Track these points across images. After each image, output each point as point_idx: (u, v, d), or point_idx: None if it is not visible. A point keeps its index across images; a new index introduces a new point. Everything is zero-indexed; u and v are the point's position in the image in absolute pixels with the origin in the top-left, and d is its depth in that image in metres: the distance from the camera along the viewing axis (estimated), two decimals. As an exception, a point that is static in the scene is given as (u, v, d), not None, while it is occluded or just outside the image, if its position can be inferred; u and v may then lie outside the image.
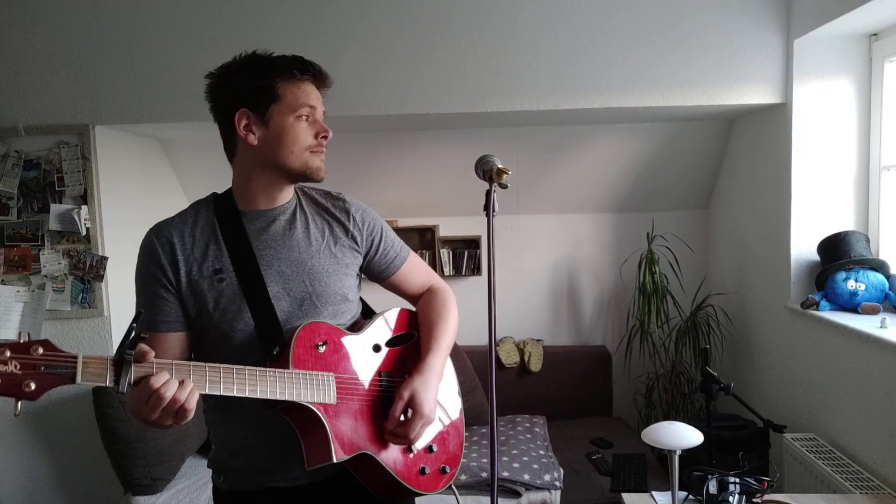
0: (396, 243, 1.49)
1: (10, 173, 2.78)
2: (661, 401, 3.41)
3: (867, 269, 2.50)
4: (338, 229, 1.40)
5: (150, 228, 1.32)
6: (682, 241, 3.54)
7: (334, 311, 1.35)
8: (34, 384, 0.95)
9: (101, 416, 2.59)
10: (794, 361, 2.75)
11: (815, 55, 2.61)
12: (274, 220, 1.34)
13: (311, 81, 1.33)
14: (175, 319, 1.28)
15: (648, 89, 2.71)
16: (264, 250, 1.31)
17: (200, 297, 1.27)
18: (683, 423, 1.89)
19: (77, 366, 0.99)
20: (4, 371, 0.93)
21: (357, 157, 3.37)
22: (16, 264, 2.81)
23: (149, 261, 1.28)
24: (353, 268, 1.41)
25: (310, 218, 1.38)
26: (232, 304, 1.27)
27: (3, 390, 0.94)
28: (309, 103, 1.30)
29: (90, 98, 2.75)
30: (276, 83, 1.28)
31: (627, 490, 2.49)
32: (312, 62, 1.33)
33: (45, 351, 0.96)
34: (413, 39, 2.71)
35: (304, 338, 1.26)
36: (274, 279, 1.30)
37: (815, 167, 2.67)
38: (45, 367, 0.96)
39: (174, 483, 2.68)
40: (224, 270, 1.27)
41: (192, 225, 1.31)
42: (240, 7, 2.72)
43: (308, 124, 1.31)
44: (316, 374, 1.24)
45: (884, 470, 2.19)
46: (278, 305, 1.29)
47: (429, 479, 1.40)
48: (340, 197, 1.45)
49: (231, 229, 1.30)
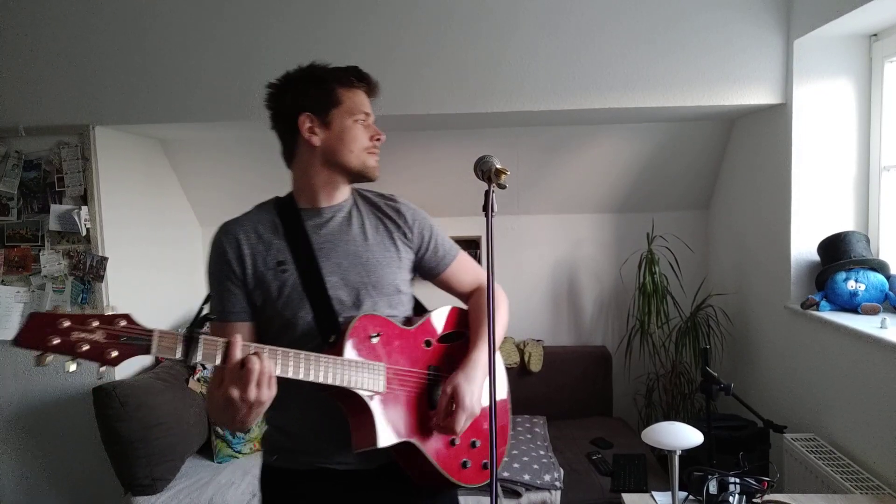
0: (446, 242, 1.56)
1: (10, 174, 2.78)
2: (661, 401, 3.41)
3: (867, 270, 2.50)
4: (391, 226, 1.48)
5: (219, 227, 1.43)
6: (682, 241, 3.54)
7: (388, 301, 1.43)
8: (116, 352, 1.07)
9: (101, 416, 2.59)
10: (795, 362, 2.75)
11: (815, 55, 2.61)
12: (332, 217, 1.44)
13: (364, 90, 1.45)
14: (242, 310, 1.37)
15: (649, 90, 2.71)
16: (323, 244, 1.40)
17: (265, 288, 1.36)
18: (683, 424, 1.89)
19: (153, 339, 1.10)
20: (92, 339, 1.05)
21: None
22: (16, 265, 2.81)
23: (217, 257, 1.39)
24: (406, 262, 1.48)
25: (365, 216, 1.47)
26: (294, 293, 1.35)
27: (91, 356, 1.05)
28: (364, 109, 1.42)
29: (90, 98, 2.75)
30: (336, 89, 1.40)
31: (627, 490, 2.49)
32: (366, 73, 1.45)
33: (126, 324, 1.08)
34: (413, 40, 2.72)
35: (358, 328, 1.33)
36: (332, 270, 1.38)
37: (815, 167, 2.67)
38: (126, 338, 1.07)
39: (174, 483, 2.68)
40: (286, 262, 1.36)
41: (256, 222, 1.42)
42: (241, 8, 2.72)
43: (364, 127, 1.42)
44: (367, 363, 1.32)
45: (884, 470, 2.19)
46: (336, 295, 1.37)
47: (470, 472, 1.45)
48: (392, 197, 1.54)
49: (292, 225, 1.41)
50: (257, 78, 2.72)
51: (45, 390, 2.88)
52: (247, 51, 2.73)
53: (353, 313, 1.36)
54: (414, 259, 1.51)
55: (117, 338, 1.07)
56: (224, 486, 2.66)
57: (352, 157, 1.40)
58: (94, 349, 1.05)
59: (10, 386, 2.88)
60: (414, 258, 1.51)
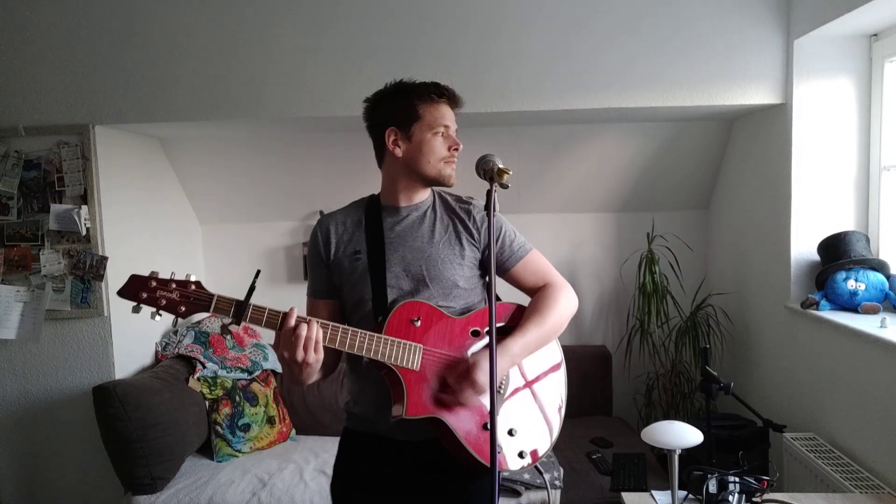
0: (515, 243, 1.66)
1: (10, 173, 2.78)
2: (660, 400, 3.41)
3: (867, 269, 2.50)
4: (460, 226, 1.61)
5: (319, 218, 1.68)
6: (682, 241, 3.54)
7: (444, 294, 1.56)
8: (184, 308, 1.39)
9: (101, 415, 2.60)
10: (794, 361, 2.75)
11: (815, 55, 2.61)
12: (408, 215, 1.60)
13: (446, 103, 1.57)
14: (326, 289, 1.62)
15: (649, 89, 2.71)
16: (394, 239, 1.58)
17: (341, 272, 1.59)
18: (683, 423, 1.90)
19: (212, 302, 1.40)
20: (169, 297, 1.38)
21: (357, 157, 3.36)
22: (16, 264, 2.81)
23: (312, 243, 1.64)
24: (469, 259, 1.60)
25: (438, 216, 1.62)
26: (361, 279, 1.56)
27: (167, 308, 1.38)
28: (444, 123, 1.55)
29: (90, 98, 2.75)
30: (417, 105, 1.54)
31: (627, 489, 2.49)
32: (447, 87, 1.57)
33: (195, 287, 1.40)
34: (413, 40, 2.72)
35: (401, 312, 1.50)
36: (396, 262, 1.56)
37: (815, 167, 2.67)
38: (194, 298, 1.40)
39: (174, 482, 2.68)
40: (361, 252, 1.57)
41: (346, 216, 1.64)
42: (240, 8, 2.72)
43: (443, 139, 1.55)
44: (405, 343, 1.47)
45: (883, 469, 2.19)
46: (397, 284, 1.55)
47: (501, 458, 1.53)
48: (468, 200, 1.66)
49: (372, 221, 1.60)
50: (256, 76, 2.74)
51: (44, 389, 2.88)
52: (247, 50, 2.73)
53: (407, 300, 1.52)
54: (480, 257, 1.62)
55: (188, 297, 1.39)
56: (224, 485, 2.67)
57: (429, 167, 1.55)
58: (170, 304, 1.38)
59: (10, 386, 2.88)
60: (480, 256, 1.62)
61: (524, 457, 1.56)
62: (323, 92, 2.74)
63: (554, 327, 1.63)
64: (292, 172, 3.45)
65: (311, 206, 3.63)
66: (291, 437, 3.15)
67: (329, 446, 3.03)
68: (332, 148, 3.32)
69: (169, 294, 1.39)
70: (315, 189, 3.53)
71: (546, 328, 1.60)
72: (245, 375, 3.13)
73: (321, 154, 3.36)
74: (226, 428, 2.94)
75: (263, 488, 2.64)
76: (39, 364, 2.87)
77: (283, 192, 3.56)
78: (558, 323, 1.64)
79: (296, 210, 3.66)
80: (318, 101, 2.74)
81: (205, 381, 3.00)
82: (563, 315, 1.65)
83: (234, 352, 3.19)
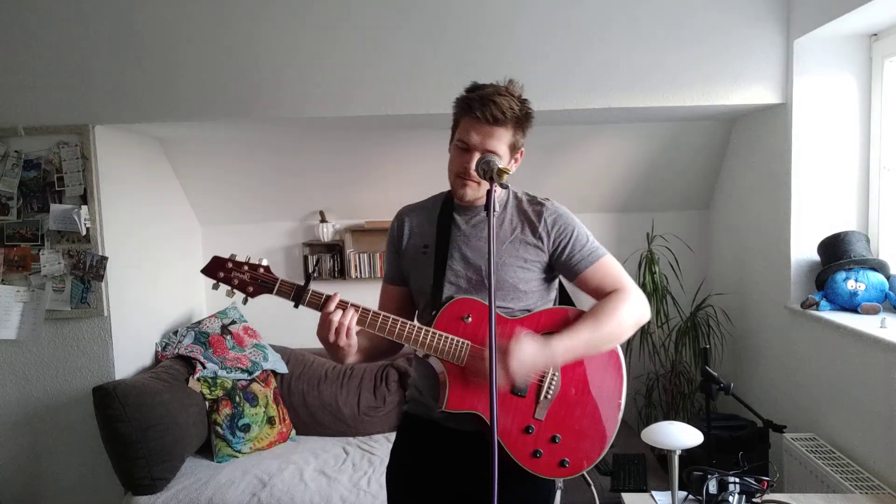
0: (586, 249, 1.60)
1: (9, 173, 2.78)
2: (660, 401, 3.41)
3: (867, 270, 2.50)
4: (528, 228, 1.60)
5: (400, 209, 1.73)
6: (682, 241, 3.54)
7: (503, 295, 1.55)
8: (252, 288, 1.50)
9: (101, 415, 2.60)
10: (794, 361, 2.75)
11: (815, 55, 2.61)
12: (477, 214, 1.61)
13: (475, 118, 1.51)
14: (398, 276, 1.68)
15: (649, 90, 2.71)
16: (460, 236, 1.59)
17: (409, 263, 1.64)
18: (683, 423, 1.89)
19: (276, 284, 1.49)
20: (241, 277, 1.50)
21: (357, 157, 3.37)
22: (16, 264, 2.81)
23: (390, 232, 1.70)
24: (533, 263, 1.58)
25: (508, 216, 1.61)
26: (424, 271, 1.60)
27: (238, 287, 1.50)
28: (464, 138, 1.52)
29: (90, 98, 2.75)
30: (456, 114, 1.58)
31: (627, 490, 2.49)
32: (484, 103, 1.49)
33: (263, 271, 1.51)
34: (413, 40, 2.71)
35: (452, 308, 1.53)
36: (458, 260, 1.58)
37: (815, 167, 2.67)
38: (261, 281, 1.50)
39: (174, 483, 2.68)
40: (429, 246, 1.61)
41: (423, 209, 1.68)
42: (239, 7, 2.71)
43: (462, 155, 1.54)
44: (454, 338, 1.50)
45: (883, 469, 2.19)
46: (457, 281, 1.57)
47: (541, 463, 1.52)
48: (541, 202, 1.65)
49: (444, 217, 1.63)
50: (257, 77, 2.74)
51: (45, 389, 2.88)
52: (247, 50, 2.73)
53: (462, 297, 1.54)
54: (547, 261, 1.60)
55: (256, 279, 1.50)
56: (224, 485, 2.66)
57: (449, 176, 1.59)
58: (241, 284, 1.50)
59: (10, 386, 2.88)
60: (548, 260, 1.60)
61: (566, 465, 1.52)
62: (325, 93, 2.73)
63: (611, 334, 1.54)
64: (292, 173, 3.45)
65: (310, 206, 3.63)
66: (291, 437, 3.15)
67: (329, 447, 3.03)
68: (331, 149, 3.31)
69: (241, 275, 1.50)
70: (314, 190, 3.53)
71: (601, 333, 1.52)
72: (245, 376, 3.13)
73: (321, 155, 3.35)
74: (226, 428, 2.94)
75: (263, 489, 2.64)
76: (39, 364, 2.86)
77: (283, 193, 3.56)
78: (617, 331, 1.54)
79: (295, 211, 3.66)
80: (319, 103, 2.74)
81: (205, 381, 3.00)
82: (624, 322, 1.54)
83: (233, 352, 3.19)
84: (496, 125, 1.50)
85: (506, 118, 1.50)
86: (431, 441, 1.60)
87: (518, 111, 1.53)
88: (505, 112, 1.49)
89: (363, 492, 2.63)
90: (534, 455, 1.51)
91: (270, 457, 2.93)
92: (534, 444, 1.51)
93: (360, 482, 2.70)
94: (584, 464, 1.55)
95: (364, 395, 3.23)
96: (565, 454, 1.52)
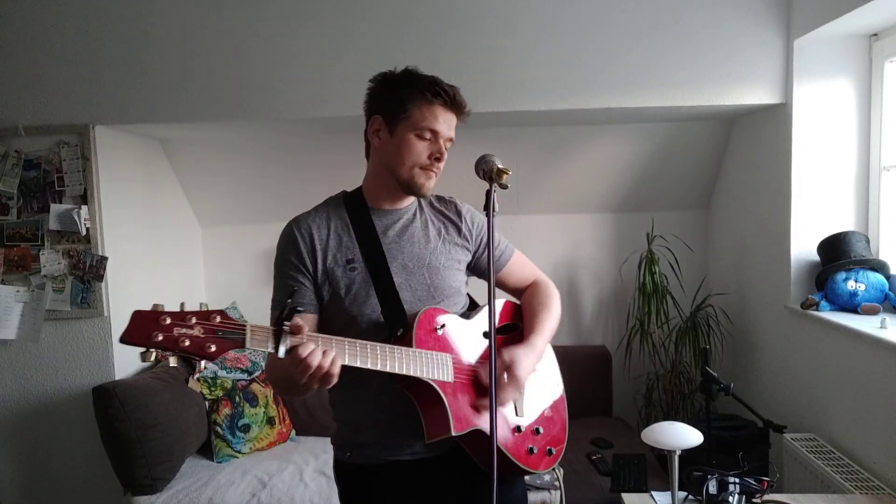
0: (502, 244, 1.63)
1: (10, 173, 2.78)
2: (661, 401, 3.41)
3: (867, 270, 2.50)
4: (451, 229, 1.54)
5: (290, 221, 1.50)
6: (681, 241, 3.54)
7: (449, 302, 1.49)
8: (214, 346, 1.10)
9: (101, 415, 2.59)
10: (794, 362, 2.75)
11: (815, 55, 2.61)
12: (398, 219, 1.50)
13: (444, 105, 1.42)
14: (309, 302, 1.42)
15: (648, 89, 2.71)
16: (390, 245, 1.46)
17: (334, 284, 1.42)
18: (683, 424, 1.89)
19: (246, 333, 1.14)
20: (192, 334, 1.09)
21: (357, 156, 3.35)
22: (16, 264, 2.81)
23: (290, 249, 1.44)
24: (463, 264, 1.55)
25: (428, 219, 1.53)
26: (362, 290, 1.41)
27: (191, 350, 1.09)
28: (431, 126, 1.41)
29: (90, 98, 2.75)
30: (408, 101, 1.41)
31: (627, 490, 2.48)
32: (447, 88, 1.42)
33: (221, 319, 1.12)
34: (413, 40, 2.71)
35: (424, 321, 1.40)
36: (398, 271, 1.44)
37: (815, 167, 2.67)
38: (223, 332, 1.12)
39: (174, 483, 2.68)
40: (356, 260, 1.43)
41: (327, 219, 1.48)
42: (239, 7, 2.72)
43: (427, 143, 1.42)
44: (436, 354, 1.38)
45: (884, 470, 2.19)
46: (403, 295, 1.43)
47: (536, 458, 1.51)
48: (452, 200, 1.60)
49: (361, 224, 1.47)
50: (257, 78, 2.74)
51: (44, 389, 2.88)
52: (247, 51, 2.73)
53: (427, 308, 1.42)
54: (471, 260, 1.57)
55: (214, 332, 1.11)
56: (224, 485, 2.66)
57: (403, 170, 1.43)
58: (194, 344, 1.09)
59: (9, 386, 2.88)
60: (471, 259, 1.57)
61: (552, 453, 1.54)
62: (326, 94, 2.73)
63: (558, 319, 1.61)
64: (292, 174, 3.45)
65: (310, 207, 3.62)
66: (291, 437, 3.15)
67: (329, 447, 3.00)
68: (332, 149, 3.31)
69: (189, 331, 1.09)
70: (315, 190, 3.51)
71: (555, 321, 1.59)
72: (245, 376, 3.13)
73: (321, 156, 3.35)
74: (226, 428, 2.94)
75: (263, 489, 2.64)
76: (39, 364, 2.86)
77: (283, 195, 3.55)
78: (559, 315, 1.62)
79: (296, 211, 3.61)
80: (320, 103, 2.74)
81: (204, 381, 3.00)
82: (559, 306, 1.63)
83: (233, 352, 3.19)
84: (460, 115, 1.46)
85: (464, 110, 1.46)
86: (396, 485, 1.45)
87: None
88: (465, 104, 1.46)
89: (363, 492, 2.63)
90: (529, 452, 1.50)
91: (270, 457, 2.93)
92: (525, 441, 1.51)
93: (360, 482, 2.70)
94: (561, 448, 1.58)
95: (364, 395, 3.23)
96: (548, 443, 1.55)
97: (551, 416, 1.60)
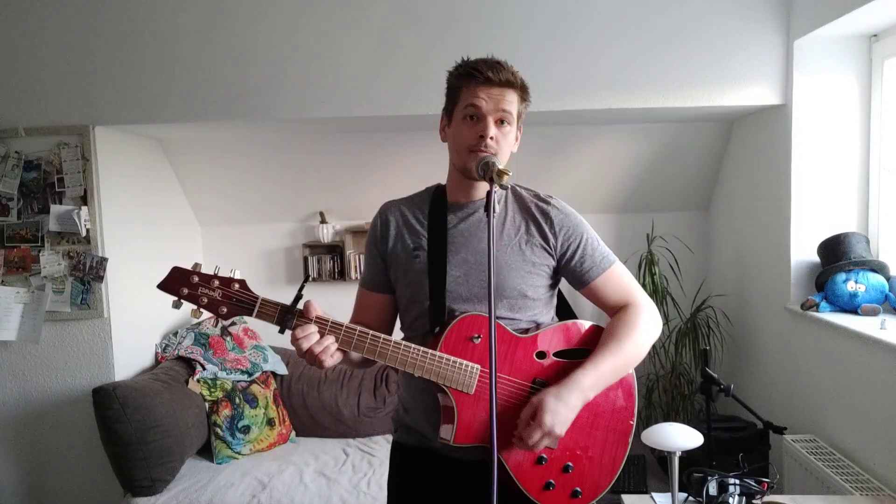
0: (597, 254, 1.48)
1: (10, 174, 2.78)
2: (660, 402, 3.41)
3: (867, 271, 2.50)
4: (534, 228, 1.45)
5: (381, 206, 1.53)
6: (682, 242, 3.54)
7: (510, 304, 1.42)
8: (226, 309, 1.29)
9: (101, 416, 2.59)
10: (795, 363, 2.75)
11: (815, 56, 2.61)
12: (474, 212, 1.45)
13: (483, 83, 1.35)
14: (381, 283, 1.49)
15: (648, 90, 2.71)
16: (457, 238, 1.43)
17: (397, 268, 1.46)
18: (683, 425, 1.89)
19: (255, 305, 1.29)
20: (211, 295, 1.28)
21: (358, 157, 3.37)
22: (16, 265, 2.81)
23: (372, 231, 1.51)
24: (541, 268, 1.44)
25: (509, 214, 1.46)
26: (417, 279, 1.42)
27: (208, 308, 1.29)
28: (472, 102, 1.35)
29: (90, 98, 2.75)
30: (456, 87, 1.39)
31: (627, 491, 2.48)
32: (484, 63, 1.36)
33: (239, 287, 1.30)
34: (414, 41, 2.71)
35: (460, 327, 1.37)
36: (457, 265, 1.41)
37: (815, 168, 2.66)
38: (236, 300, 1.29)
39: (174, 484, 2.68)
40: (420, 249, 1.43)
41: (411, 206, 1.49)
42: (239, 8, 2.72)
43: (472, 124, 1.36)
44: (461, 362, 1.35)
45: (884, 471, 2.18)
46: (456, 290, 1.40)
47: (553, 495, 1.41)
48: (546, 199, 1.49)
49: (436, 216, 1.45)
50: (257, 79, 2.74)
51: (44, 391, 2.88)
52: (247, 51, 2.73)
53: (466, 309, 1.39)
54: (555, 266, 1.46)
55: (230, 298, 1.29)
56: (223, 487, 2.66)
57: (458, 158, 1.40)
58: (211, 303, 1.28)
59: (9, 387, 2.88)
60: (555, 265, 1.46)
61: (578, 496, 1.42)
62: (326, 94, 2.73)
63: (632, 356, 1.44)
64: (292, 174, 3.45)
65: (310, 207, 3.63)
66: (291, 439, 3.15)
67: (329, 448, 3.03)
68: (332, 150, 3.31)
69: (210, 292, 1.28)
70: (314, 191, 3.53)
71: (623, 358, 1.41)
72: (245, 377, 3.12)
73: (321, 156, 3.35)
74: (225, 430, 2.93)
75: (263, 490, 2.63)
76: (39, 365, 2.86)
77: (283, 194, 3.56)
78: (637, 352, 1.45)
79: (295, 212, 3.66)
80: (320, 104, 2.74)
81: (204, 382, 3.00)
82: (643, 343, 1.45)
83: (233, 353, 3.19)
84: (508, 87, 1.37)
85: (515, 80, 1.38)
86: (430, 473, 1.46)
87: (521, 78, 1.41)
88: (514, 73, 1.38)
89: (363, 493, 2.63)
90: (546, 487, 1.40)
91: (270, 458, 2.92)
92: (546, 475, 1.40)
93: (360, 484, 2.70)
94: (596, 492, 1.44)
95: (364, 396, 3.23)
96: (577, 483, 1.42)
97: (595, 457, 1.44)
